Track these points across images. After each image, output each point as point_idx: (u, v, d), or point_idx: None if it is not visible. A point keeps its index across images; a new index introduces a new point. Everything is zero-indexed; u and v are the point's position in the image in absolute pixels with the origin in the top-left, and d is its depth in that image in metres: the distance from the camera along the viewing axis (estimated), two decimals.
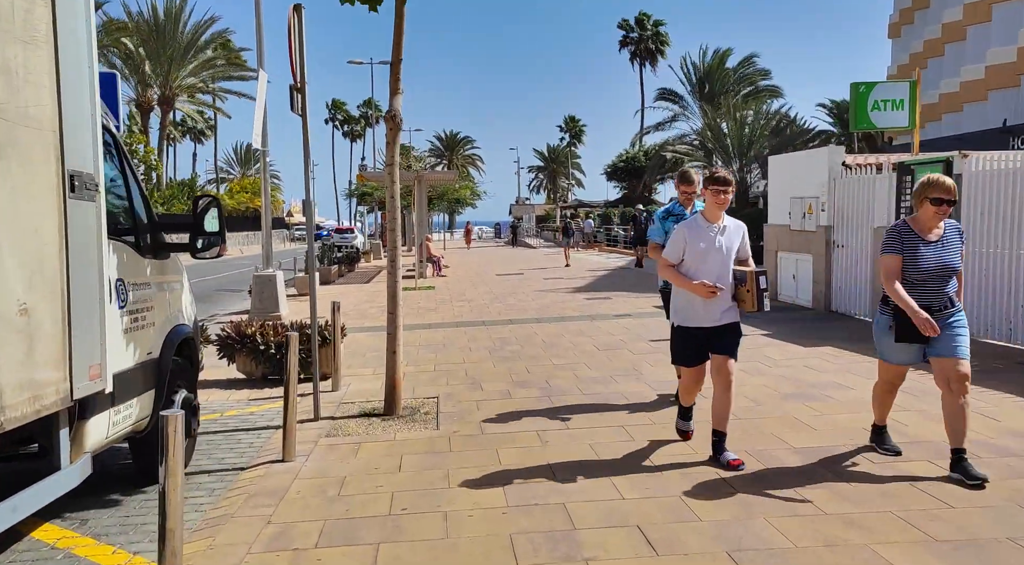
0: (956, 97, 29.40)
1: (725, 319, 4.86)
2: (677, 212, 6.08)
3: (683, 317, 4.95)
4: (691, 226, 4.91)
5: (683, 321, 4.95)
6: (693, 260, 4.84)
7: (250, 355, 7.90)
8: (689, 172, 6.10)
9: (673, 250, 4.95)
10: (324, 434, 5.87)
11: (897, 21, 39.59)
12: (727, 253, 4.87)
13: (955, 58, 30.34)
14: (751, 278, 4.77)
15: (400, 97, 6.46)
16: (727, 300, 4.85)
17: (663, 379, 7.37)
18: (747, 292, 4.77)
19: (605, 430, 5.67)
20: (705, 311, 4.85)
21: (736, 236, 4.93)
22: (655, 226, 6.13)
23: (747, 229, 5.06)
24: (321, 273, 21.05)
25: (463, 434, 5.73)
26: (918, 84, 9.73)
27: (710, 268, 4.81)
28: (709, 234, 4.85)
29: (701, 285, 4.74)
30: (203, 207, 4.97)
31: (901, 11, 38.43)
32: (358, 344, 10.03)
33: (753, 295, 4.73)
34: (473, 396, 6.96)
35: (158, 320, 4.78)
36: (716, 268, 4.82)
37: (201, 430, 6.09)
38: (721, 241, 4.85)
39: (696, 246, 4.82)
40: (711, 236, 4.84)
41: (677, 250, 4.92)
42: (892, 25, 40.53)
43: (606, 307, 13.44)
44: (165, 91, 44.64)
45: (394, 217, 6.44)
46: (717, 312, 4.85)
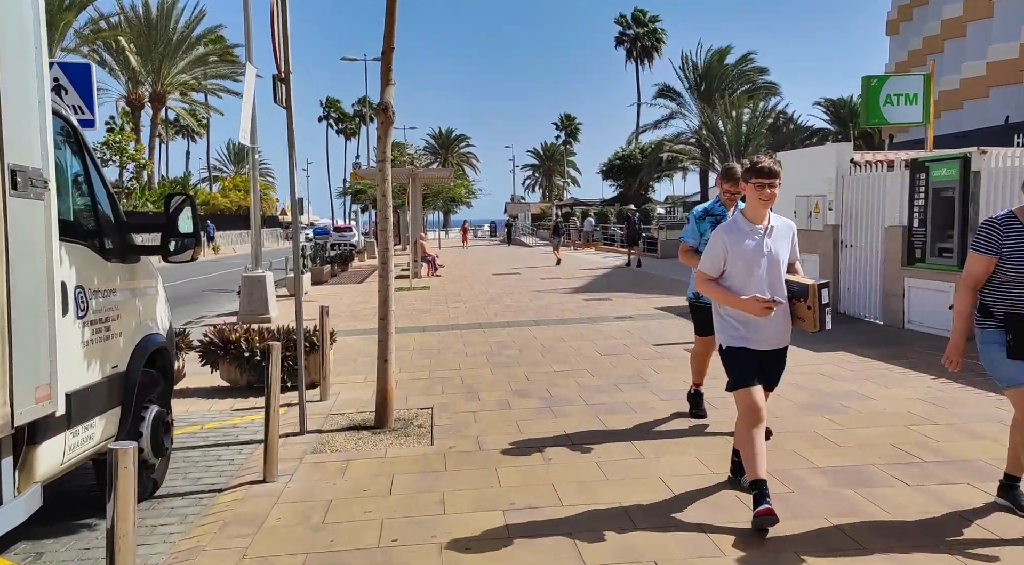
0: (956, 94, 29.07)
1: (779, 342, 4.08)
2: (717, 212, 5.41)
3: (733, 336, 4.08)
4: (730, 230, 4.02)
5: (734, 341, 4.06)
6: (738, 271, 3.96)
7: (234, 362, 7.48)
8: (735, 168, 5.25)
9: (711, 261, 4.05)
10: (310, 450, 5.46)
11: (895, 18, 39.27)
12: (778, 260, 4.00)
13: (955, 55, 30.03)
14: (813, 293, 3.92)
15: (392, 89, 6.05)
16: (784, 317, 4.02)
17: (670, 388, 6.97)
18: (808, 309, 3.94)
19: (612, 447, 5.27)
20: (761, 332, 3.99)
21: (786, 238, 4.09)
22: (689, 226, 5.52)
23: None
24: (313, 273, 20.62)
25: (459, 451, 5.32)
26: (932, 77, 9.37)
27: (760, 279, 3.95)
28: (754, 238, 3.96)
29: (753, 300, 3.86)
30: (176, 206, 4.56)
31: (899, 7, 38.10)
32: (349, 349, 9.61)
33: (815, 313, 3.90)
34: (470, 406, 6.56)
35: (126, 330, 4.36)
36: (767, 278, 3.96)
37: (179, 445, 5.69)
38: (769, 245, 3.97)
39: (739, 253, 3.94)
40: (756, 240, 3.96)
41: (716, 260, 4.02)
42: (890, 22, 40.21)
43: (606, 308, 13.05)
44: (156, 88, 44.04)
45: (386, 216, 6.03)
46: (774, 332, 4.02)
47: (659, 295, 14.92)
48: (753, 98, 40.26)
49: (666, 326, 10.79)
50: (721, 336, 4.13)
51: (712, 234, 4.14)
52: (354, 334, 10.80)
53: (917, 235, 9.13)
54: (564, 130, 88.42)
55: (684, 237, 5.54)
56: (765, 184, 3.92)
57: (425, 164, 49.71)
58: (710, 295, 4.14)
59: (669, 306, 13.01)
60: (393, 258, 6.14)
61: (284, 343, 7.29)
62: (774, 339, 4.04)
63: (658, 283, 17.68)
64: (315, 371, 7.38)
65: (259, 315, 12.77)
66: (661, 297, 14.56)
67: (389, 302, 6.03)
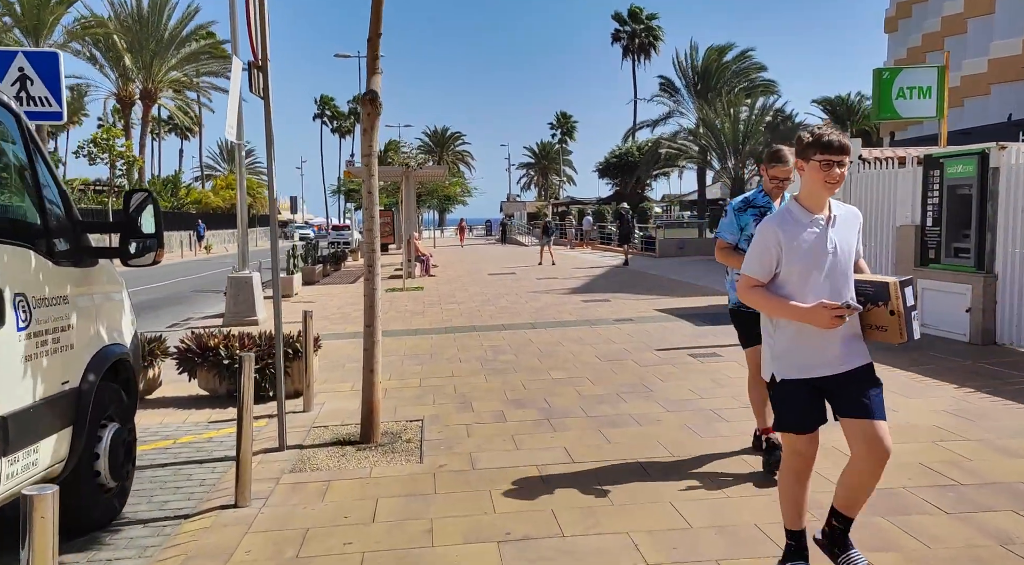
0: (957, 92, 28.70)
1: (855, 360, 3.12)
2: (761, 204, 4.67)
3: (789, 363, 3.16)
4: (783, 221, 3.13)
5: (790, 370, 3.16)
6: (794, 273, 3.09)
7: (212, 370, 7.05)
8: (783, 150, 4.53)
9: (760, 262, 3.15)
10: (289, 468, 5.03)
11: (894, 15, 38.96)
12: (844, 257, 3.12)
13: (956, 52, 29.65)
14: (895, 293, 3.05)
15: (379, 78, 5.62)
16: (854, 329, 3.15)
17: (675, 397, 6.56)
18: (891, 314, 3.07)
19: (617, 466, 4.85)
20: (824, 350, 3.10)
21: (852, 229, 3.20)
22: (727, 220, 4.74)
23: None
24: (305, 273, 20.17)
25: (450, 470, 4.90)
26: (947, 69, 8.98)
27: (823, 282, 3.07)
28: (812, 230, 3.09)
29: (819, 307, 2.97)
30: (137, 204, 4.13)
31: (898, 4, 37.80)
32: (337, 353, 9.18)
33: (900, 318, 3.05)
34: (462, 418, 6.14)
35: (80, 341, 3.93)
36: (832, 280, 3.08)
37: (147, 463, 5.27)
38: (834, 239, 3.09)
39: (797, 251, 3.07)
40: (817, 233, 3.09)
41: (767, 261, 3.13)
42: (889, 19, 39.90)
43: (605, 310, 12.63)
44: (147, 85, 43.46)
45: (372, 215, 5.60)
46: (841, 349, 3.11)
47: (659, 296, 14.51)
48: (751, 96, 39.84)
49: (668, 329, 10.38)
50: (771, 364, 3.24)
51: (759, 228, 3.21)
52: (343, 337, 10.37)
53: (931, 235, 8.74)
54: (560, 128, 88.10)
55: (721, 232, 4.77)
56: (834, 162, 3.02)
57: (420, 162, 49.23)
58: (760, 305, 3.20)
59: (670, 308, 12.61)
60: (380, 260, 5.72)
61: (266, 350, 6.87)
62: (845, 358, 3.11)
63: (657, 283, 17.28)
64: (298, 379, 6.96)
65: (246, 317, 12.34)
66: (661, 298, 14.16)
67: (376, 307, 5.61)
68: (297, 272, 18.22)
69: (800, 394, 3.17)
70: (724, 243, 4.73)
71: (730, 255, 4.69)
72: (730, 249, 4.71)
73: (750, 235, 4.51)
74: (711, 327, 10.40)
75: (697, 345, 9.05)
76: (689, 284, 16.81)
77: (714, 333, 9.89)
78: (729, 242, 4.70)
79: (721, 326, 10.40)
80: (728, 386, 6.91)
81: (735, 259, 4.56)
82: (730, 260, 4.67)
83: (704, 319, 11.15)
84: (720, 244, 4.76)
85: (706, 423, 5.74)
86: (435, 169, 28.85)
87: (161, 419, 6.47)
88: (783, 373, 3.19)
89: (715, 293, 14.76)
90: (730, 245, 4.71)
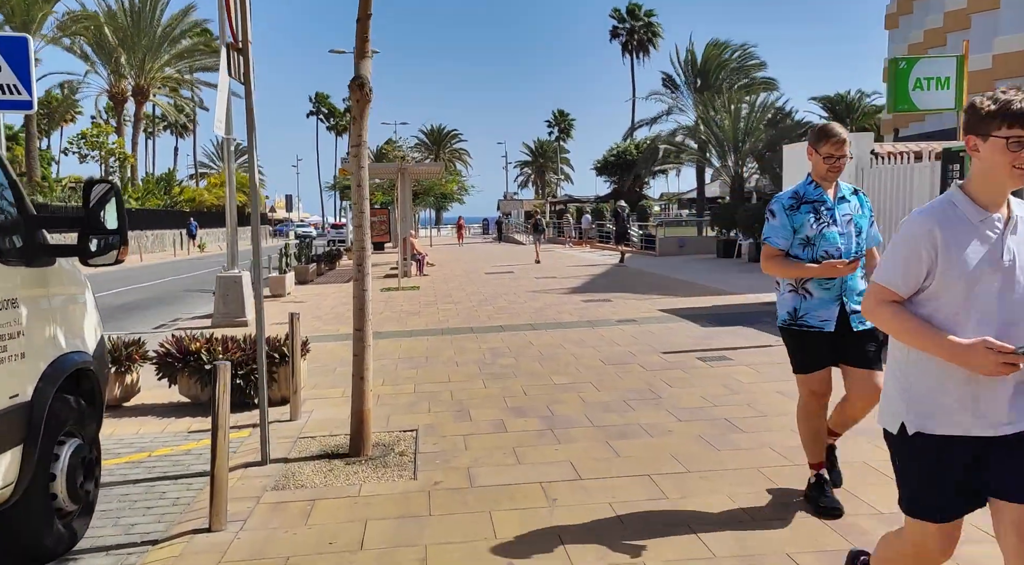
0: None
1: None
2: (813, 197, 3.91)
3: (927, 413, 2.30)
4: (944, 217, 2.26)
5: (929, 423, 2.30)
6: (951, 290, 2.24)
7: (194, 376, 6.64)
8: (831, 124, 3.91)
9: (904, 271, 2.29)
10: (271, 485, 4.62)
11: (895, 11, 38.55)
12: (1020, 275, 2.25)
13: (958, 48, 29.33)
14: None
15: (369, 62, 5.21)
16: None
17: (686, 404, 6.16)
18: None
19: (628, 483, 4.45)
20: (985, 402, 2.23)
21: None
22: (776, 221, 3.93)
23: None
24: (298, 271, 19.75)
25: (447, 487, 4.50)
26: (966, 59, 8.61)
27: (991, 307, 2.23)
28: (987, 233, 2.24)
29: (982, 346, 2.14)
30: (98, 196, 3.72)
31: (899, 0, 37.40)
32: (328, 356, 8.77)
33: None
34: (460, 428, 5.73)
35: (32, 349, 3.51)
36: (1006, 308, 2.23)
37: (117, 479, 4.86)
38: (1012, 249, 2.24)
39: (958, 260, 2.22)
40: (992, 238, 2.24)
41: (914, 270, 2.27)
42: (889, 16, 39.49)
43: (607, 311, 12.23)
44: (140, 81, 42.95)
45: (362, 210, 5.19)
46: (1010, 403, 2.24)
47: (661, 296, 14.12)
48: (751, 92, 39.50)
49: (673, 331, 9.98)
50: (900, 408, 2.35)
51: (907, 224, 2.32)
52: (336, 339, 9.95)
53: None
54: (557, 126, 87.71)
55: (769, 237, 3.94)
56: None
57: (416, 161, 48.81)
58: (894, 329, 2.33)
59: (673, 308, 12.21)
60: (371, 259, 5.31)
61: (251, 354, 6.46)
62: (1009, 415, 2.24)
63: (658, 283, 16.89)
64: (285, 385, 6.56)
65: (235, 318, 11.94)
66: (664, 298, 13.77)
67: (366, 310, 5.21)
68: (290, 271, 17.79)
69: (940, 458, 2.28)
70: (774, 250, 3.93)
71: (782, 264, 3.93)
72: (781, 257, 3.93)
73: (805, 238, 3.87)
74: (717, 328, 10.01)
75: (705, 348, 8.65)
76: (691, 283, 16.43)
77: (721, 335, 9.50)
78: (780, 248, 3.91)
79: (728, 327, 10.02)
80: (741, 392, 6.51)
81: (790, 269, 3.90)
82: (783, 270, 3.92)
83: (710, 320, 10.76)
84: (768, 251, 3.95)
85: (721, 434, 5.34)
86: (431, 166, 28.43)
87: (138, 428, 6.06)
88: (917, 425, 2.29)
89: (718, 293, 14.39)
90: (780, 252, 3.93)
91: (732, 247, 24.31)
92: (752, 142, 34.31)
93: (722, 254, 24.50)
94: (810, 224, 3.87)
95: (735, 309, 12.01)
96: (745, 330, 9.77)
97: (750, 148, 34.41)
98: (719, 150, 35.50)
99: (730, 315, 11.25)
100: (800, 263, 3.88)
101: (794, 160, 12.52)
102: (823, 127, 3.91)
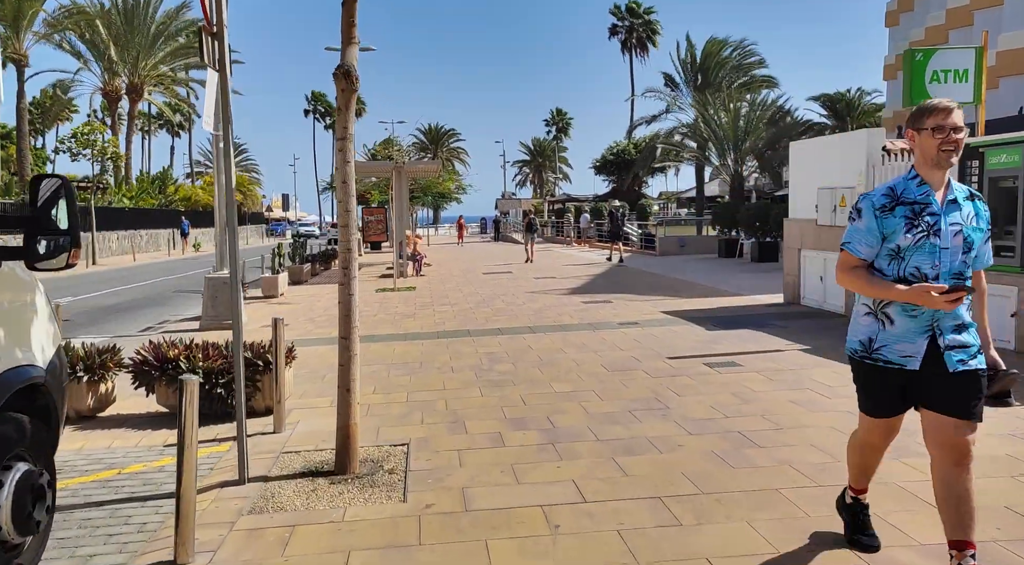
0: None
1: None
2: (914, 197, 3.02)
3: None
4: None
5: None
6: None
7: (172, 384, 6.23)
8: (939, 101, 3.02)
9: None
10: (248, 508, 4.24)
11: (895, 9, 38.17)
12: None
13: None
14: None
15: (355, 49, 4.83)
16: None
17: (695, 416, 5.78)
18: None
19: (637, 507, 4.07)
20: None
21: None
22: (862, 223, 3.07)
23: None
24: (292, 272, 19.36)
25: (439, 511, 4.11)
26: (985, 50, 8.23)
27: None
28: None
29: None
30: (47, 194, 3.33)
31: None
32: (319, 361, 8.38)
33: None
34: (454, 442, 5.35)
35: None
36: None
37: (81, 500, 4.47)
38: None
39: None
40: None
41: None
42: (890, 13, 39.09)
43: (608, 313, 11.85)
44: (133, 79, 42.45)
45: (347, 208, 4.80)
46: None
47: (663, 297, 13.75)
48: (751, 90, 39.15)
49: (677, 334, 9.60)
50: None
51: None
52: (328, 343, 9.55)
53: None
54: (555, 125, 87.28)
55: (851, 243, 3.10)
56: None
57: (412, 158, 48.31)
58: None
59: (677, 310, 11.84)
60: (357, 261, 4.92)
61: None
62: None
63: (659, 283, 16.51)
64: (269, 395, 6.16)
65: (224, 321, 11.53)
66: (666, 299, 13.39)
67: (353, 316, 4.81)
68: (283, 271, 17.38)
69: None
70: (853, 259, 3.09)
71: (860, 278, 3.07)
72: (861, 268, 3.08)
73: (895, 247, 3.00)
74: (723, 332, 9.63)
75: (712, 353, 8.27)
76: (693, 284, 16.05)
77: (727, 338, 9.12)
78: (861, 257, 3.07)
79: (734, 330, 9.65)
80: (753, 402, 6.13)
81: (870, 286, 3.05)
82: (860, 285, 3.08)
83: (715, 323, 10.38)
84: (846, 260, 3.11)
85: (735, 449, 4.96)
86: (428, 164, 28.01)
87: (110, 442, 5.67)
88: None
89: (722, 294, 14.01)
90: (861, 262, 3.08)
91: (734, 247, 23.95)
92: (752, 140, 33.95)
93: (724, 254, 24.14)
94: (903, 232, 2.98)
95: (740, 311, 11.63)
96: (752, 334, 9.39)
97: (750, 146, 34.06)
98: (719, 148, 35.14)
99: (735, 317, 10.87)
100: (884, 282, 3.01)
101: (803, 157, 12.14)
102: (921, 104, 3.15)
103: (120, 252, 36.01)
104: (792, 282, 12.09)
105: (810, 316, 10.78)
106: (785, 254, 12.37)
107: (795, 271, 11.99)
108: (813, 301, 11.53)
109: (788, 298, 12.22)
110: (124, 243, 36.75)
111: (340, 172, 4.79)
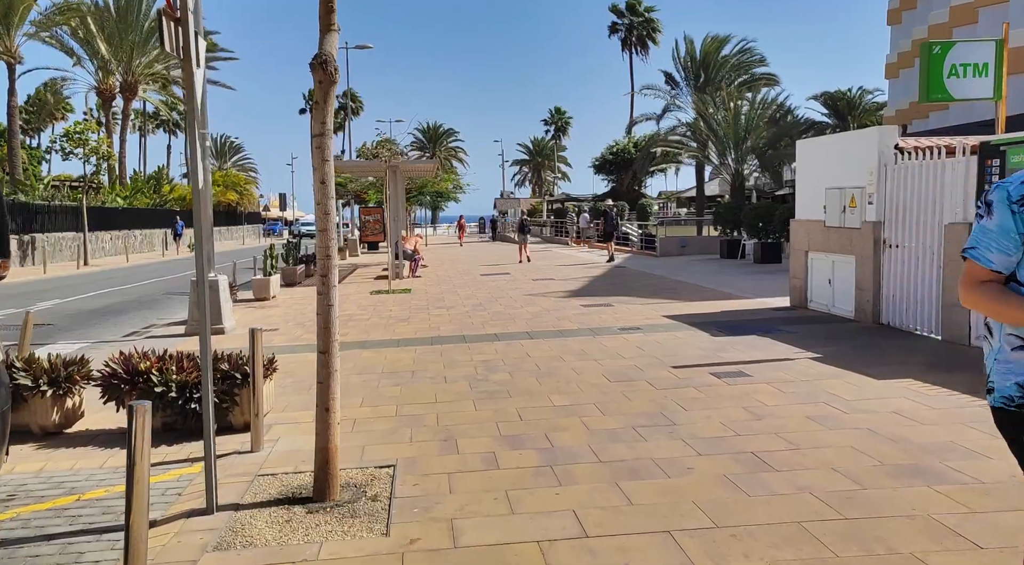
0: None
1: None
2: None
3: None
4: None
5: None
6: None
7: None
8: None
9: None
10: (213, 543, 3.82)
11: (897, 7, 37.75)
12: None
13: None
14: None
15: (335, 37, 4.43)
16: None
17: (704, 434, 5.37)
18: None
19: (644, 542, 3.66)
20: None
21: None
22: (990, 221, 2.20)
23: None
24: (284, 274, 18.96)
25: (424, 547, 3.70)
26: (1006, 43, 7.82)
27: None
28: None
29: None
30: None
31: None
32: (306, 370, 7.95)
33: None
34: (445, 464, 4.94)
35: None
36: None
37: (32, 532, 4.08)
38: None
39: None
40: None
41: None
42: (891, 11, 38.66)
43: (608, 317, 11.44)
44: (127, 77, 41.98)
45: (326, 210, 4.40)
46: None
47: (665, 300, 13.34)
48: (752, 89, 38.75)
49: (681, 341, 9.20)
50: None
51: None
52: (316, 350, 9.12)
53: None
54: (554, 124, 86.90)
55: (976, 249, 2.24)
56: None
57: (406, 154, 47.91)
58: None
59: (680, 314, 11.43)
60: (336, 268, 4.52)
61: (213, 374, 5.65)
62: None
63: (661, 286, 16.10)
64: (247, 410, 5.76)
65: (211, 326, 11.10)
66: (668, 302, 12.98)
67: (332, 328, 4.42)
68: (275, 273, 16.97)
69: None
70: (982, 271, 2.23)
71: (993, 296, 2.21)
72: (994, 283, 2.23)
73: None
74: (729, 338, 9.23)
75: (718, 361, 7.87)
76: (696, 286, 15.65)
77: (734, 345, 8.72)
78: (993, 269, 2.21)
79: (740, 337, 9.24)
80: (766, 418, 5.72)
81: (1007, 308, 2.17)
82: (993, 307, 2.21)
83: (721, 328, 9.97)
84: (973, 272, 2.25)
85: (750, 473, 4.55)
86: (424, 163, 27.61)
87: (73, 463, 5.25)
88: None
89: (725, 297, 13.60)
90: (994, 275, 2.22)
91: (736, 247, 23.54)
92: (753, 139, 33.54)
93: (726, 255, 23.74)
94: None
95: (745, 315, 11.23)
96: (760, 340, 8.99)
97: (751, 145, 33.64)
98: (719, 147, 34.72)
99: (741, 322, 10.46)
100: None
101: (810, 155, 11.74)
102: None
103: (113, 253, 35.58)
104: (798, 285, 11.69)
105: (818, 321, 10.38)
106: (791, 256, 11.97)
107: (802, 274, 11.59)
108: (821, 305, 11.13)
109: (794, 301, 11.82)
110: (117, 243, 36.31)
111: (318, 172, 4.38)
